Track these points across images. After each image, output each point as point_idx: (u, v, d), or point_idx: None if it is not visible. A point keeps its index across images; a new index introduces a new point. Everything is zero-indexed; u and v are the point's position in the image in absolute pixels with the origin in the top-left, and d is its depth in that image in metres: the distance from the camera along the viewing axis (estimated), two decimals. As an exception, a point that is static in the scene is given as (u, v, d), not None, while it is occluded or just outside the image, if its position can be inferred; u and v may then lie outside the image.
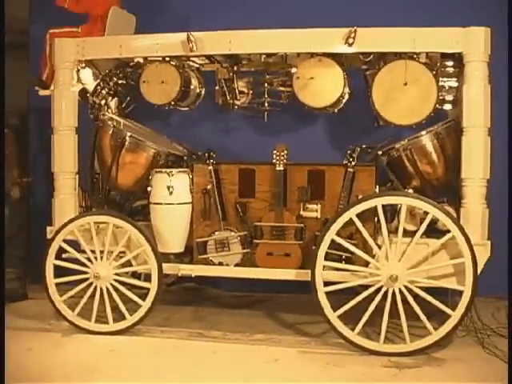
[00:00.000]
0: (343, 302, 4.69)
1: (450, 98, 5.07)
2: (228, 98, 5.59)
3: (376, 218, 4.84)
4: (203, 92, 5.81)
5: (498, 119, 4.87)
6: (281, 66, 5.40)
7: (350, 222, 4.67)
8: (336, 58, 5.03)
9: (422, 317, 4.58)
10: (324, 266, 4.72)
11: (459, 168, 4.77)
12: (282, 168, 5.01)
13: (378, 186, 5.03)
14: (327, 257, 4.72)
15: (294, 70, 5.24)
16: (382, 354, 4.61)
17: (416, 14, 5.69)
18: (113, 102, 5.83)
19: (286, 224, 5.04)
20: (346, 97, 5.27)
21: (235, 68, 5.49)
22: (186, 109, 5.83)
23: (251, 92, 5.60)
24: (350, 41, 4.76)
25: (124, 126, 5.42)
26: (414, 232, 4.67)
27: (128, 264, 5.14)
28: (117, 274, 5.11)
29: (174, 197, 5.16)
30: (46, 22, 5.97)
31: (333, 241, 4.69)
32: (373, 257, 4.71)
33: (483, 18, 4.89)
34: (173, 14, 6.32)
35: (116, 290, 5.08)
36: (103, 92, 5.62)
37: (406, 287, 4.62)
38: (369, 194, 4.86)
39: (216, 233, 5.21)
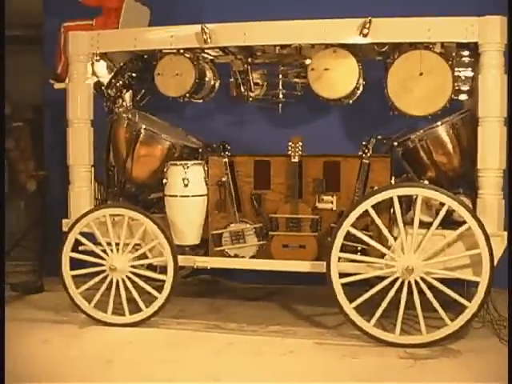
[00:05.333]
0: (359, 293, 4.69)
1: (465, 88, 5.01)
2: (242, 90, 5.57)
3: (391, 210, 4.83)
4: (218, 84, 5.80)
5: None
6: (295, 57, 5.38)
7: (366, 213, 4.66)
8: (351, 48, 5.00)
9: (439, 308, 4.57)
10: (339, 258, 4.72)
11: (475, 159, 4.74)
12: (297, 160, 5.01)
13: (393, 177, 5.01)
14: (343, 248, 4.71)
15: (308, 61, 5.21)
16: (398, 346, 4.60)
17: (431, 4, 5.64)
18: (127, 95, 5.84)
19: (302, 216, 5.03)
20: (361, 88, 5.26)
21: (250, 60, 5.48)
22: (201, 101, 5.82)
23: (266, 84, 5.57)
24: (365, 31, 4.73)
25: (139, 119, 5.44)
26: (430, 223, 4.65)
27: (143, 256, 5.16)
28: (132, 267, 5.13)
29: (189, 189, 5.16)
30: (61, 15, 5.98)
31: (348, 232, 4.69)
32: (388, 248, 4.70)
33: (500, 6, 4.86)
34: (187, 6, 6.30)
35: (132, 282, 5.10)
36: (118, 85, 5.62)
37: (421, 278, 4.61)
38: (384, 186, 4.85)
39: (231, 225, 5.21)
